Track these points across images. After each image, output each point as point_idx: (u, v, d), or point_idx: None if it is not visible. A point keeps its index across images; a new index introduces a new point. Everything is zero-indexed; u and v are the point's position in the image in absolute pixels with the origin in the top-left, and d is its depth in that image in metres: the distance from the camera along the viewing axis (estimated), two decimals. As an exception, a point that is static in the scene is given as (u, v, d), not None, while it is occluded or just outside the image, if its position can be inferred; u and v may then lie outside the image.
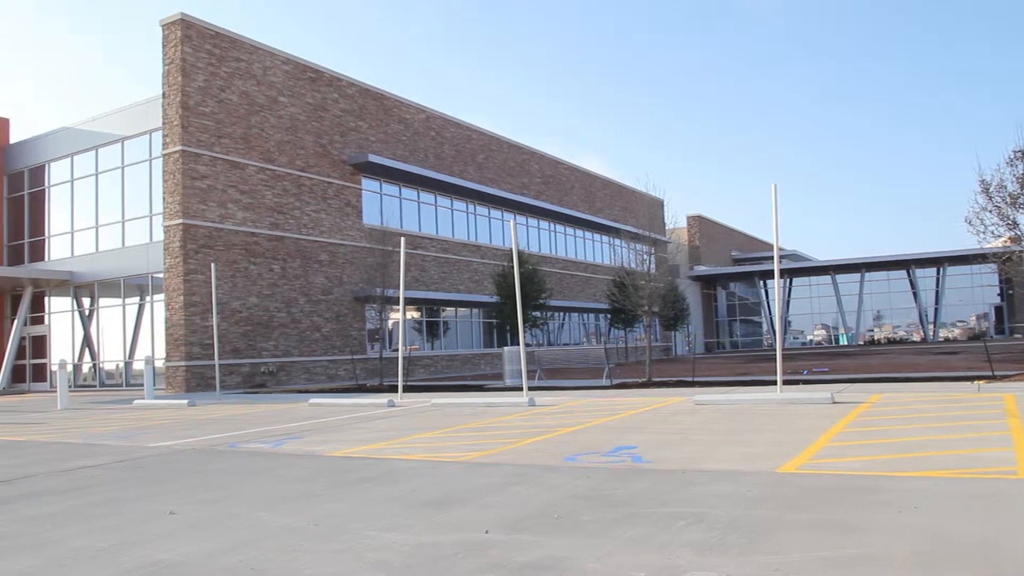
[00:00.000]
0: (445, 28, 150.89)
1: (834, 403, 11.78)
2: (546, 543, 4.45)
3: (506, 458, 7.88)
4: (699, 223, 63.67)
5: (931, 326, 57.24)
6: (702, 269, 62.12)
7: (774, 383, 14.28)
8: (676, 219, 26.83)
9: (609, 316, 44.32)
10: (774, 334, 58.12)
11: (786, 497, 5.45)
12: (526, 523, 4.97)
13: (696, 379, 18.81)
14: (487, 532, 4.75)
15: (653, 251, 23.47)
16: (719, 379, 19.19)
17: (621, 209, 51.78)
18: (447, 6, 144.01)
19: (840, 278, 59.53)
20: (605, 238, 50.52)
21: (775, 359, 13.91)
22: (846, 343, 58.46)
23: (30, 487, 7.38)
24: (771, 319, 63.08)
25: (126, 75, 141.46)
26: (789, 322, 63.46)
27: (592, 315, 48.75)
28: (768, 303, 63.96)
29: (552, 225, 45.39)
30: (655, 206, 26.05)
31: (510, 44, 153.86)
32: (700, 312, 61.96)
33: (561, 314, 45.12)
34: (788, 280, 61.39)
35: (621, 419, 11.19)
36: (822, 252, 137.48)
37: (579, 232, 48.39)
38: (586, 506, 5.40)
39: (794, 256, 71.12)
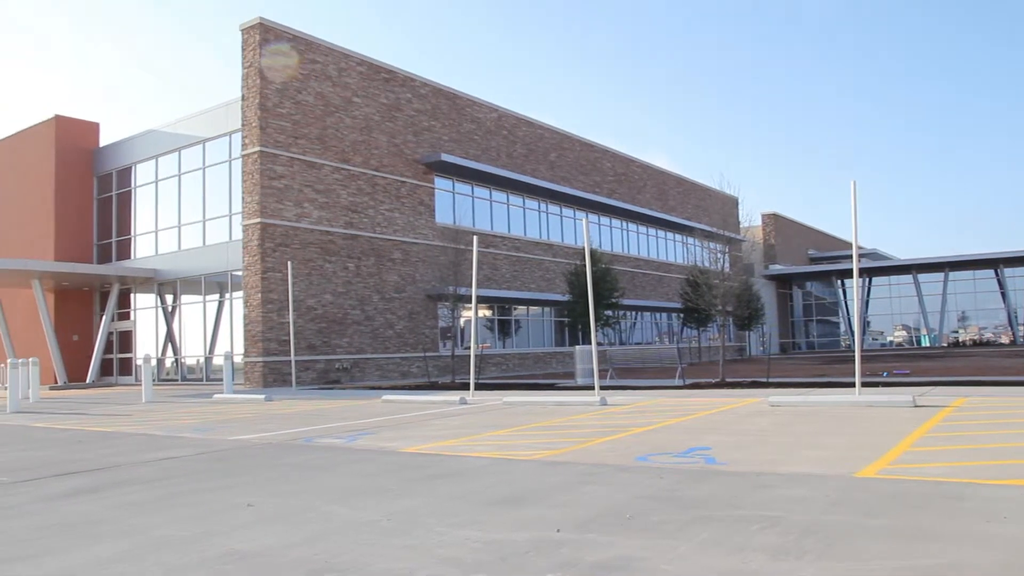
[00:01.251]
0: (512, 26, 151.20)
1: (916, 407, 11.42)
2: (617, 543, 4.42)
3: (577, 457, 7.85)
4: (775, 221, 62.50)
5: (1021, 328, 55.08)
6: (777, 268, 60.97)
7: (852, 385, 13.91)
8: (751, 217, 26.57)
9: (682, 315, 43.85)
10: (852, 335, 56.80)
11: (865, 503, 5.31)
12: (597, 522, 4.94)
13: (771, 380, 18.48)
14: (558, 531, 4.74)
15: (727, 250, 23.13)
16: (795, 380, 18.79)
17: (694, 207, 51.16)
18: (514, 4, 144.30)
19: (922, 277, 57.68)
20: (678, 236, 49.99)
21: (853, 360, 13.55)
22: (928, 345, 56.66)
23: (119, 476, 7.64)
24: (849, 319, 61.56)
25: (208, 79, 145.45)
26: (868, 323, 61.80)
27: (664, 314, 48.29)
28: (846, 303, 62.41)
29: (624, 223, 45.09)
30: (729, 204, 25.73)
31: (577, 42, 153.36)
32: (775, 312, 60.86)
33: (633, 313, 44.80)
34: (867, 279, 59.77)
35: (694, 420, 11.05)
36: (903, 251, 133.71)
37: (651, 230, 47.98)
38: (658, 507, 5.35)
39: (874, 255, 69.25)
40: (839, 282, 62.22)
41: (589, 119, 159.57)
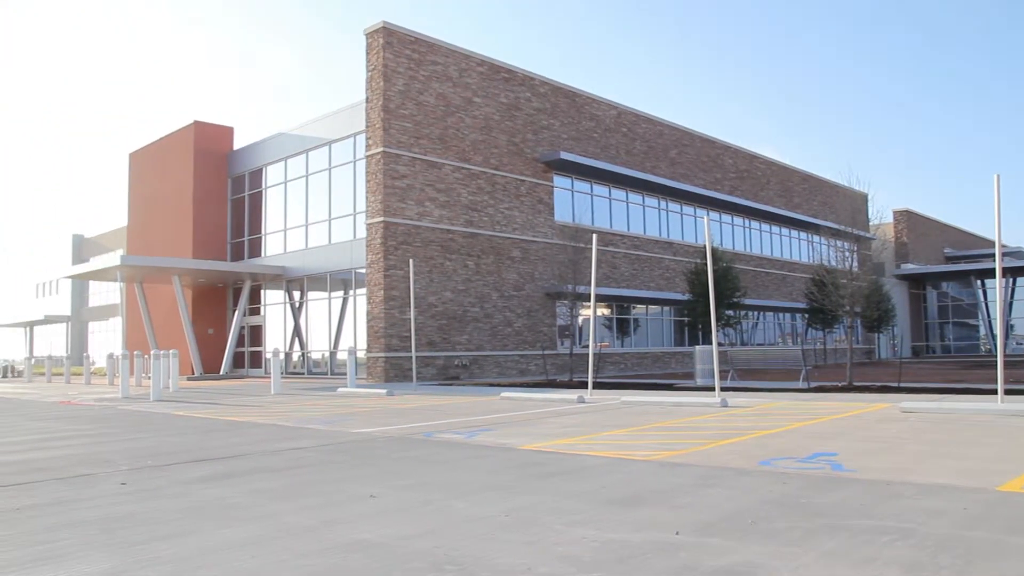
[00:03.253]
0: (628, 23, 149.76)
1: (1064, 415, 10.71)
2: (738, 549, 4.31)
3: (697, 459, 7.71)
4: (907, 218, 59.79)
5: None
6: (910, 267, 58.28)
7: (994, 392, 13.14)
8: (881, 214, 25.39)
9: (807, 316, 42.49)
10: (993, 339, 53.72)
11: (1008, 519, 4.99)
12: (718, 527, 4.83)
13: (902, 385, 17.66)
14: (677, 533, 4.66)
15: (856, 248, 22.25)
16: (929, 386, 17.90)
17: (820, 204, 49.52)
18: (631, 2, 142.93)
19: (1075, 277, 54.06)
20: (803, 234, 48.50)
21: (994, 366, 12.80)
22: (1079, 350, 53.07)
23: (249, 464, 7.97)
24: (990, 322, 58.26)
25: (332, 83, 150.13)
26: (1012, 326, 58.26)
27: (788, 315, 46.93)
28: (987, 304, 59.04)
29: (746, 221, 44.05)
30: (858, 200, 24.77)
31: (698, 38, 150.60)
32: (907, 313, 58.22)
33: (755, 313, 43.71)
34: (1011, 279, 56.39)
35: (819, 424, 10.69)
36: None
37: (775, 228, 46.70)
38: (781, 513, 5.19)
39: (1018, 253, 65.26)
40: (979, 282, 58.91)
41: (710, 116, 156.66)
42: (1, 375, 46.76)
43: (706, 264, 16.12)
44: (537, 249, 30.82)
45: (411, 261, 24.26)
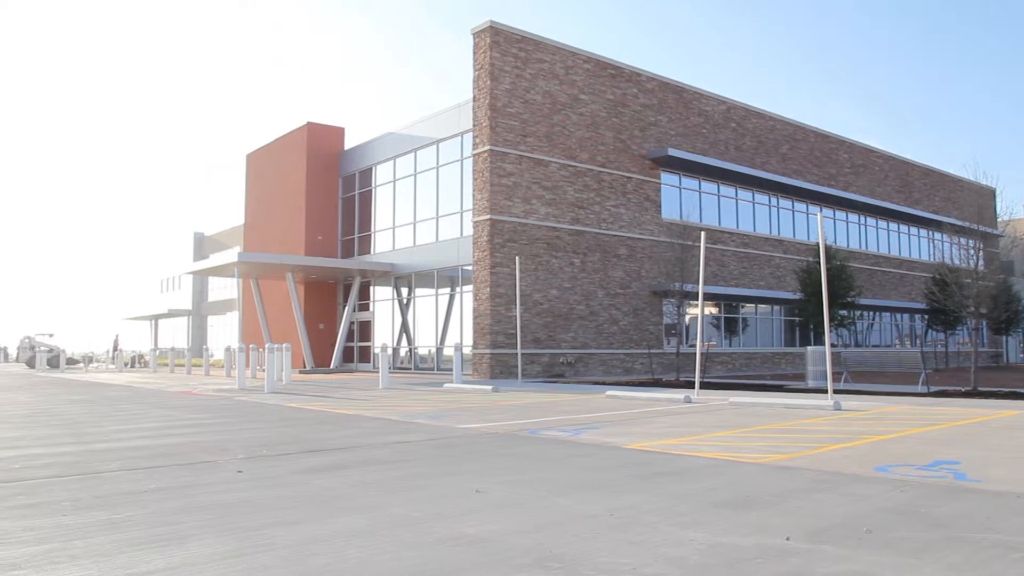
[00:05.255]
0: (736, 17, 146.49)
1: None
2: (852, 557, 4.14)
3: (809, 463, 7.47)
4: (1039, 215, 56.58)
5: None
6: (1042, 267, 55.16)
7: None
8: (1011, 209, 24.16)
9: (926, 317, 40.78)
10: None
11: None
12: (830, 533, 4.66)
13: (1033, 390, 16.74)
14: (788, 539, 4.52)
15: (981, 245, 21.21)
16: (1062, 391, 16.92)
17: (943, 200, 47.40)
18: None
19: None
20: (923, 231, 46.52)
21: None
22: None
23: (358, 456, 8.15)
24: None
25: (440, 82, 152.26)
26: None
27: (906, 315, 45.11)
28: None
29: (862, 218, 42.51)
30: (984, 195, 23.61)
31: (812, 32, 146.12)
32: (1038, 315, 55.10)
33: (870, 313, 42.17)
34: None
35: (940, 430, 10.21)
36: None
37: (892, 225, 44.91)
38: (898, 522, 4.96)
39: None
40: (1117, 283, 55.32)
41: (824, 111, 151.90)
42: (130, 365, 49.33)
43: (819, 262, 15.63)
44: (644, 247, 30.52)
45: (517, 259, 24.37)
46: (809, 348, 22.40)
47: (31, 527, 4.97)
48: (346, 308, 34.68)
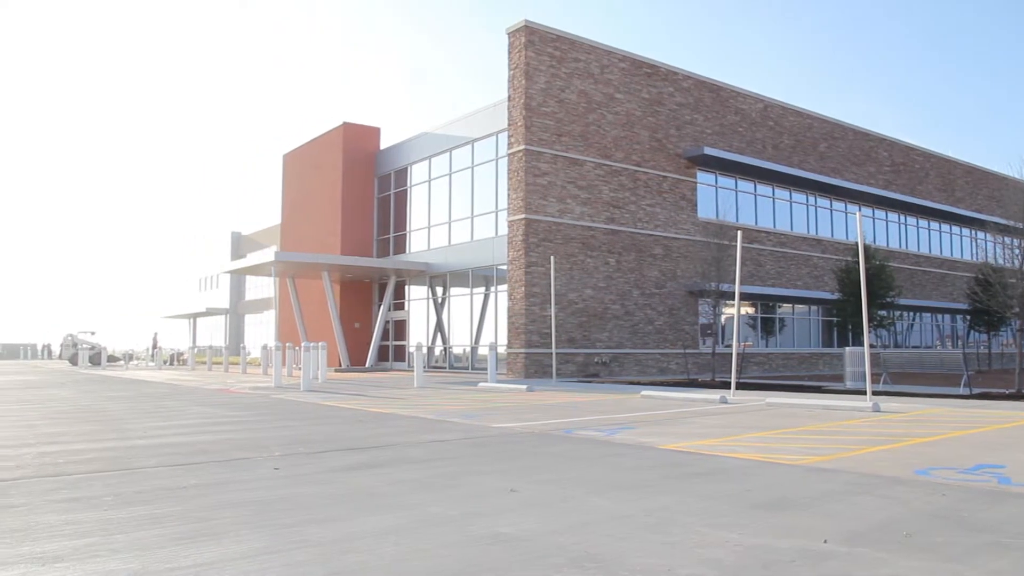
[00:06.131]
0: (772, 15, 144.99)
1: None
2: (891, 562, 4.08)
3: (847, 465, 7.37)
4: (1086, 213, 55.35)
5: None
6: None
7: None
8: (1059, 207, 23.54)
9: (969, 318, 40.07)
10: None
11: None
12: (869, 537, 4.59)
13: (1079, 392, 16.38)
14: (825, 542, 4.46)
15: (1027, 244, 20.82)
16: (1109, 394, 16.54)
17: (986, 198, 46.57)
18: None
19: None
20: (965, 231, 45.75)
21: None
22: None
23: (393, 454, 8.19)
24: None
25: (475, 81, 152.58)
26: None
27: (947, 316, 44.39)
28: None
29: (902, 217, 41.89)
30: (1030, 193, 23.08)
31: (851, 28, 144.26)
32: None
33: (910, 314, 41.56)
34: None
35: (983, 433, 10.03)
36: None
37: (934, 224, 44.20)
38: (940, 526, 4.88)
39: None
40: None
41: (862, 108, 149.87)
42: (169, 363, 50.05)
43: (857, 262, 15.41)
44: (679, 246, 30.34)
45: (552, 258, 24.35)
46: (847, 349, 22.11)
47: (74, 520, 5.06)
48: (381, 307, 34.86)
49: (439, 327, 33.30)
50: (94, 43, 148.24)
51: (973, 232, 45.38)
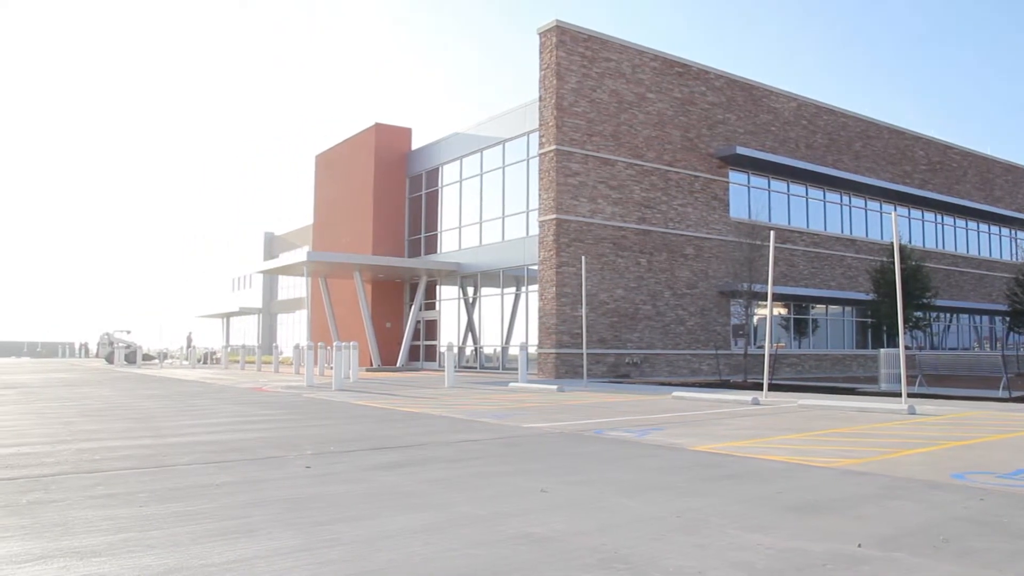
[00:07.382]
0: (805, 13, 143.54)
1: None
2: (927, 567, 4.02)
3: (881, 468, 7.28)
4: None
5: None
6: None
7: None
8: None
9: (1008, 319, 39.43)
10: None
11: None
12: (904, 541, 4.53)
13: (1121, 396, 16.06)
14: (859, 546, 4.41)
15: (1068, 245, 20.44)
16: None
17: (1027, 198, 45.81)
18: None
19: None
20: (1005, 230, 45.01)
21: None
22: None
23: (424, 454, 8.22)
24: None
25: (506, 81, 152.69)
26: None
27: (986, 317, 43.70)
28: None
29: (938, 216, 41.30)
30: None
31: (885, 25, 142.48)
32: None
33: (947, 315, 40.96)
34: None
35: (1022, 437, 9.86)
36: None
37: (971, 224, 43.53)
38: (977, 532, 4.80)
39: None
40: None
41: (900, 108, 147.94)
42: (202, 362, 50.60)
43: (892, 262, 15.23)
44: (711, 246, 30.15)
45: (583, 258, 24.29)
46: (882, 350, 21.84)
47: (110, 516, 5.14)
48: (412, 307, 34.98)
49: (470, 327, 33.36)
50: (134, 44, 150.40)
51: (1013, 232, 44.65)
